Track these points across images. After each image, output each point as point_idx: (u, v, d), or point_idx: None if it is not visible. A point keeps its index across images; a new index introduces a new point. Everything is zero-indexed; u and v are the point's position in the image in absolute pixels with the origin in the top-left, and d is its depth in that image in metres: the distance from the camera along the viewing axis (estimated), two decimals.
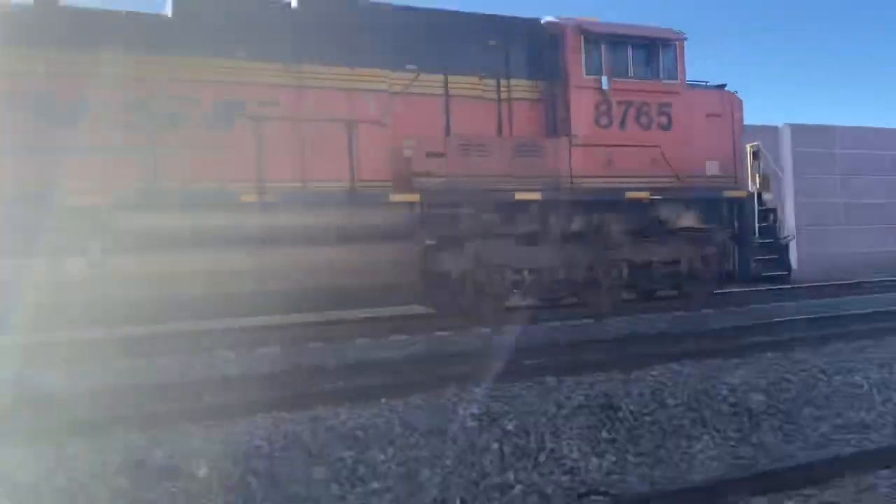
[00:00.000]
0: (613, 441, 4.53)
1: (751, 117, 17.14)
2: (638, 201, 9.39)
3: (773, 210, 10.40)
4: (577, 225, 9.08)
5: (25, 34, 6.70)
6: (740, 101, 10.10)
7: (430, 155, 8.21)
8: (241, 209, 7.24)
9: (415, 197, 8.15)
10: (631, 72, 9.53)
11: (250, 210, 7.31)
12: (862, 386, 5.57)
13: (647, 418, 4.83)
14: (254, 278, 7.23)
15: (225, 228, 7.18)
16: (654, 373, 5.71)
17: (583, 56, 9.19)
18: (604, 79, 9.23)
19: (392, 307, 8.49)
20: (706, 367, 5.97)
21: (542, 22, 9.30)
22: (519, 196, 8.53)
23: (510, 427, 4.49)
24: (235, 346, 6.98)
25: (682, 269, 9.90)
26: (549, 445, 4.36)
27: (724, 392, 5.18)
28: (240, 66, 7.40)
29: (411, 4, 8.31)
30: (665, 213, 9.68)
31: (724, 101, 10.19)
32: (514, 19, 9.11)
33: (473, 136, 8.54)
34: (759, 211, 10.00)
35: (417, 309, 8.86)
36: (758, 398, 5.18)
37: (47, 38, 6.81)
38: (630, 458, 4.37)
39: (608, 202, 9.20)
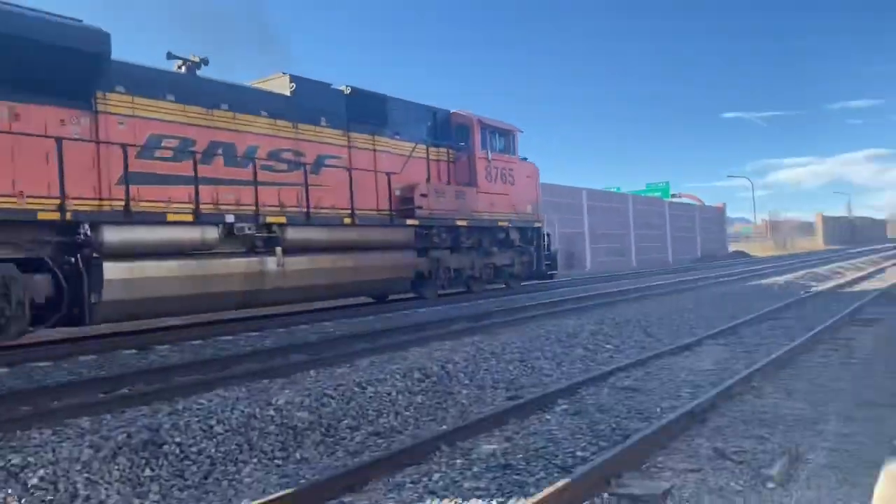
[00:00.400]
0: (156, 479, 4.44)
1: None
2: (502, 227, 15.52)
3: (548, 234, 17.38)
4: (474, 241, 14.79)
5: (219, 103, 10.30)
6: (538, 169, 16.92)
7: (421, 195, 13.21)
8: (345, 228, 11.78)
9: (416, 222, 13.11)
10: (499, 149, 15.61)
11: (349, 228, 11.85)
12: (390, 394, 6.20)
13: (194, 449, 4.81)
14: (351, 273, 11.72)
15: (338, 241, 11.54)
16: (202, 401, 5.69)
17: (479, 138, 15.05)
18: (489, 153, 15.32)
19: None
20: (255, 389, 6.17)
21: (452, 112, 15.00)
22: (458, 223, 14.13)
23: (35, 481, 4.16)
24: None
25: (515, 268, 16.15)
26: (84, 493, 4.15)
27: (272, 413, 5.40)
28: (324, 131, 11.87)
29: (404, 98, 13.75)
30: (511, 235, 15.88)
31: (533, 169, 16.74)
32: (438, 109, 14.67)
33: (439, 185, 13.85)
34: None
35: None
36: (302, 415, 5.46)
37: (230, 106, 10.46)
38: (176, 493, 4.35)
39: (490, 228, 15.18)
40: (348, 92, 12.38)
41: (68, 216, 8.11)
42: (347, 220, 11.80)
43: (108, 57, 8.67)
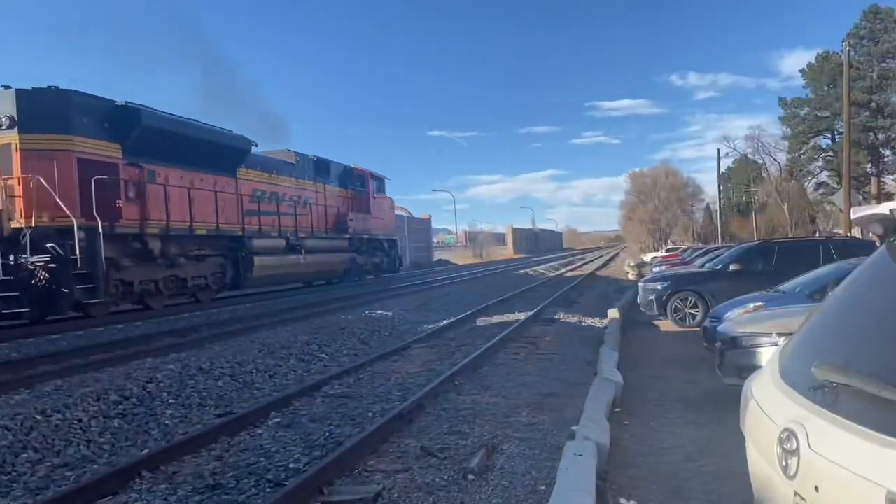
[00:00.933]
0: None
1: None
2: (380, 239, 25.42)
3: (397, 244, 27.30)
4: (370, 248, 24.62)
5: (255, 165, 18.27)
6: (393, 201, 27.24)
7: (350, 220, 22.68)
8: (324, 239, 21.30)
9: (348, 235, 22.79)
10: (377, 190, 25.19)
11: (325, 239, 21.42)
12: (81, 420, 5.76)
13: None
14: (326, 265, 21.47)
15: (322, 246, 20.98)
16: None
17: (371, 184, 24.63)
18: (374, 192, 24.73)
19: None
20: None
21: (353, 166, 24.06)
22: (364, 236, 23.90)
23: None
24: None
25: (385, 264, 25.86)
26: None
27: None
28: (307, 183, 20.80)
29: (334, 160, 22.81)
30: (384, 244, 25.86)
31: (392, 202, 27.10)
32: (346, 164, 23.79)
33: (357, 214, 23.35)
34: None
35: None
36: None
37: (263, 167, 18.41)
38: None
39: (377, 239, 25.13)
40: (314, 159, 21.45)
41: (239, 232, 17.04)
42: (323, 235, 21.30)
43: (248, 151, 17.47)
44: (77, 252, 11.93)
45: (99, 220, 12.40)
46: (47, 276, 11.52)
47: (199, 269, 15.72)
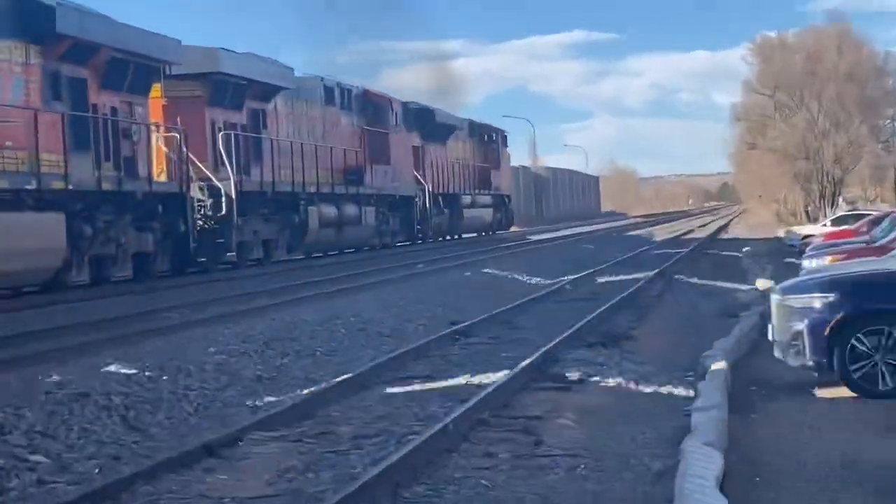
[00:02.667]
0: None
1: None
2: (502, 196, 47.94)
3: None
4: None
5: None
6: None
7: (493, 177, 45.58)
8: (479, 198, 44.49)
9: (492, 192, 46.57)
10: (505, 146, 49.04)
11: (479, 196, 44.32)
12: None
13: None
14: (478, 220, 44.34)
15: (479, 203, 43.85)
16: None
17: (500, 139, 47.77)
18: (502, 149, 48.24)
19: None
20: None
21: (487, 123, 47.55)
22: (499, 192, 48.05)
23: None
24: None
25: (502, 220, 47.42)
26: None
27: None
28: (468, 145, 44.40)
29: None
30: (507, 200, 49.27)
31: (509, 155, 51.80)
32: (479, 121, 46.29)
33: (495, 171, 46.36)
34: None
35: None
36: None
37: None
38: None
39: (502, 196, 47.58)
40: (469, 120, 43.24)
41: (456, 191, 41.54)
42: (478, 192, 43.47)
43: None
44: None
45: None
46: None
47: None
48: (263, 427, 7.22)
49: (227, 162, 22.13)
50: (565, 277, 20.42)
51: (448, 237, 39.82)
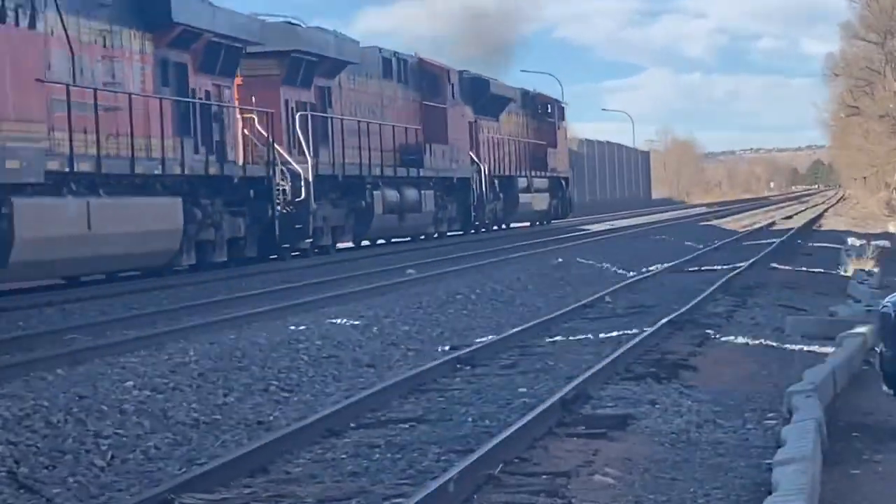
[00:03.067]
0: None
1: None
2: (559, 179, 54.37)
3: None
4: None
5: None
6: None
7: (549, 156, 51.27)
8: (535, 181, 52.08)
9: (548, 174, 53.54)
10: (562, 119, 55.30)
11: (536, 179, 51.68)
12: None
13: None
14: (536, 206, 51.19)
15: (536, 187, 50.47)
16: None
17: (557, 112, 53.31)
18: (560, 124, 54.28)
19: None
20: None
21: (539, 92, 53.24)
22: (556, 174, 54.09)
23: None
24: None
25: (559, 207, 53.21)
26: None
27: None
28: (521, 119, 50.84)
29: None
30: (564, 183, 55.70)
31: (566, 131, 58.83)
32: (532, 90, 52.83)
33: (551, 150, 51.68)
34: None
35: None
36: None
37: None
38: None
39: (558, 179, 53.80)
40: (520, 90, 49.56)
41: (511, 173, 48.05)
42: (532, 174, 48.72)
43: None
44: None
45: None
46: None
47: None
48: (198, 487, 7.33)
49: (303, 144, 27.10)
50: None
51: (502, 226, 45.32)
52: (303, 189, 26.41)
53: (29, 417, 8.93)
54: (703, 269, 25.72)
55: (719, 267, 25.57)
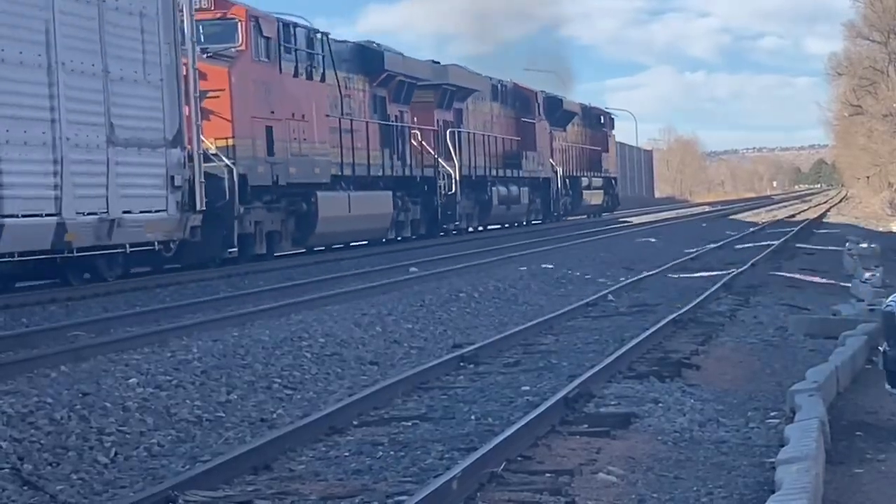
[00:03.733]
0: None
1: None
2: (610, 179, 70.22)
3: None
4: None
5: None
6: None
7: (603, 160, 66.43)
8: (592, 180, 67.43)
9: (602, 175, 69.35)
10: (612, 128, 70.80)
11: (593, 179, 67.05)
12: None
13: None
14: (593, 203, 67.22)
15: (592, 185, 64.73)
16: None
17: (608, 122, 68.60)
18: (609, 132, 69.26)
19: None
20: None
21: (593, 105, 67.67)
22: (608, 175, 69.69)
23: None
24: None
25: (608, 203, 67.30)
26: None
27: None
28: (587, 130, 65.66)
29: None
30: (613, 182, 71.76)
31: (613, 138, 74.59)
32: (590, 105, 66.98)
33: (605, 154, 66.68)
34: None
35: None
36: None
37: None
38: None
39: (609, 179, 68.43)
40: (582, 105, 61.50)
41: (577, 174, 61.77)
42: (591, 175, 62.01)
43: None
44: None
45: None
46: None
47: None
48: (201, 484, 7.32)
49: (452, 152, 38.38)
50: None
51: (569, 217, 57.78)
52: (454, 185, 37.86)
53: (32, 414, 8.94)
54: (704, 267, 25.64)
55: (719, 268, 25.65)
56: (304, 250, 29.61)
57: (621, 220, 58.21)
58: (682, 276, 23.46)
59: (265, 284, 20.42)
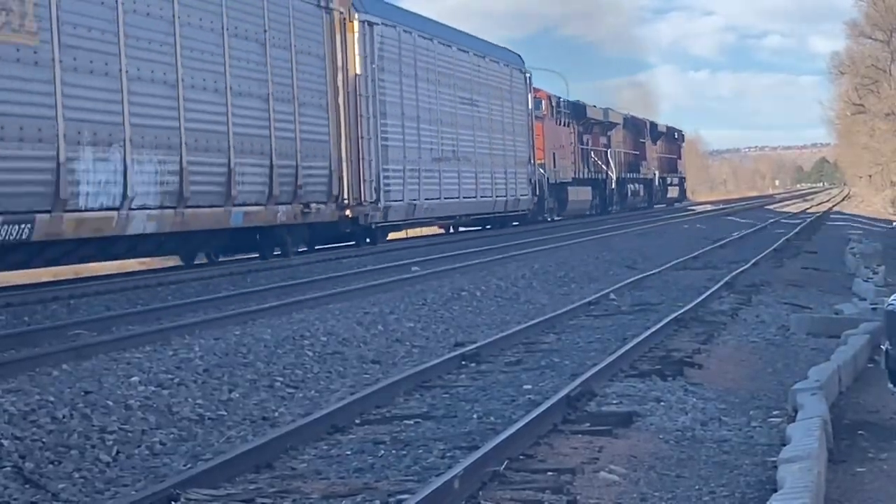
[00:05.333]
0: None
1: None
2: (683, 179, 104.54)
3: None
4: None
5: None
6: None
7: (679, 166, 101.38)
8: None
9: (678, 176, 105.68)
10: (683, 141, 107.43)
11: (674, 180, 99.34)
12: None
13: None
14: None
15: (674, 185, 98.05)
16: None
17: (680, 137, 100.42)
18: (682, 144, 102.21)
19: None
20: None
21: (675, 127, 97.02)
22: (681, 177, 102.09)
23: None
24: None
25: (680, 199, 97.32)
26: None
27: None
28: (673, 147, 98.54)
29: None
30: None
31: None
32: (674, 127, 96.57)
33: (679, 161, 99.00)
34: None
35: None
36: None
37: None
38: None
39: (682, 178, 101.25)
40: (667, 128, 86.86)
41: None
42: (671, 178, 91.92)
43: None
44: None
45: None
46: None
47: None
48: (203, 482, 7.31)
49: (612, 164, 61.77)
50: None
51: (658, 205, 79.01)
52: (613, 184, 62.36)
53: (34, 412, 8.93)
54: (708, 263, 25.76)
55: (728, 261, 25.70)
56: (305, 249, 29.58)
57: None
58: (683, 272, 23.51)
59: (267, 283, 20.41)
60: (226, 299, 17.61)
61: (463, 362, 12.30)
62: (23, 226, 16.72)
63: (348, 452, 8.45)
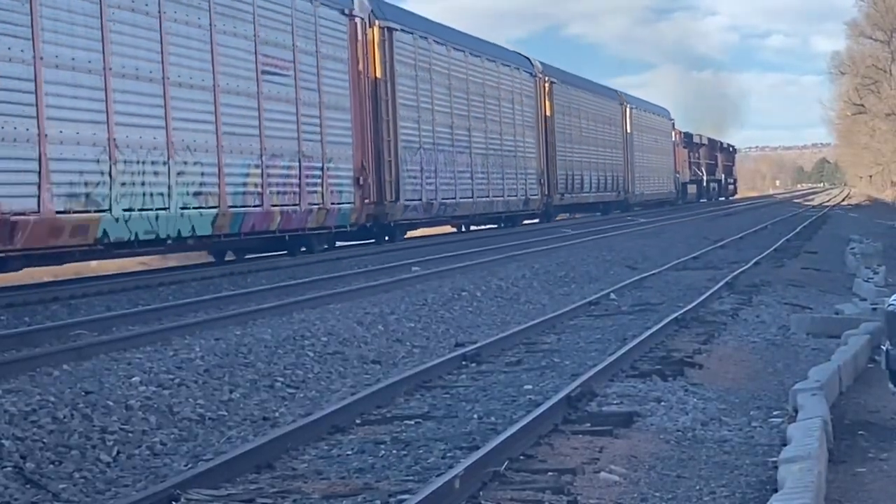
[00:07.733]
0: None
1: None
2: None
3: None
4: None
5: None
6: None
7: (730, 170, 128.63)
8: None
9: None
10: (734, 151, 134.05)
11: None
12: None
13: None
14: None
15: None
16: None
17: (731, 150, 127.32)
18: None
19: None
20: None
21: (728, 144, 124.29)
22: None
23: None
24: None
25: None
26: None
27: None
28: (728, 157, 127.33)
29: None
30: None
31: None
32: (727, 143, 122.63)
33: (730, 166, 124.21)
34: None
35: None
36: None
37: None
38: None
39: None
40: (720, 143, 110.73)
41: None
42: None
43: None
44: None
45: None
46: None
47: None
48: (203, 482, 7.32)
49: (703, 171, 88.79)
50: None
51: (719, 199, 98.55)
52: (704, 183, 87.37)
53: (35, 413, 8.93)
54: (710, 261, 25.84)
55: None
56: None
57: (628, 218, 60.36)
58: (684, 272, 23.48)
59: (267, 283, 20.39)
60: (226, 299, 17.58)
61: (463, 362, 12.30)
62: None
63: (349, 452, 8.46)
